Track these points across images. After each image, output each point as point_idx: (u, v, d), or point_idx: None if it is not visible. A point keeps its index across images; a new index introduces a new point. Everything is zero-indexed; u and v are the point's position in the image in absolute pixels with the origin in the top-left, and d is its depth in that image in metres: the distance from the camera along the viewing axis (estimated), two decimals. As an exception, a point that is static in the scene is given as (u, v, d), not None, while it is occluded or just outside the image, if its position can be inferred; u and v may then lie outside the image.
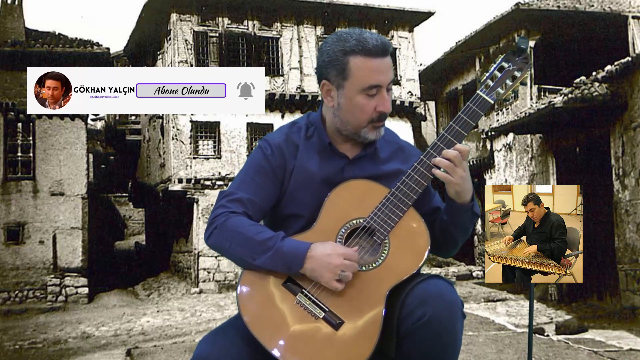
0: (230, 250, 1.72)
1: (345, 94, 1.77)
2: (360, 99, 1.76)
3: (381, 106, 1.77)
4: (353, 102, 1.77)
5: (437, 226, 1.82)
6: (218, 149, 20.26)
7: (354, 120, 1.79)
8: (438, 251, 1.87)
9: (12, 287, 18.26)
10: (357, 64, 1.74)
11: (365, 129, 1.80)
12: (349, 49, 1.74)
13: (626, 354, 5.82)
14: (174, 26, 20.19)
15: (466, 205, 1.75)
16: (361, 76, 1.74)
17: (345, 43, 1.75)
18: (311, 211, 1.79)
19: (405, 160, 1.87)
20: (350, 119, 1.80)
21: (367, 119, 1.78)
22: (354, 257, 1.65)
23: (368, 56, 1.73)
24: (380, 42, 1.74)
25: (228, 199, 1.78)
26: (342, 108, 1.80)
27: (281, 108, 20.75)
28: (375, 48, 1.73)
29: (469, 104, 1.76)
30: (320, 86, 1.84)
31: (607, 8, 16.23)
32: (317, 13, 21.34)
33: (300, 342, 1.61)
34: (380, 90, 1.76)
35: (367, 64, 1.74)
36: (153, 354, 6.01)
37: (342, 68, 1.76)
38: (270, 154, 1.83)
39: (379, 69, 1.74)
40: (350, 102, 1.77)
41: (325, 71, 1.80)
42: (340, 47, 1.76)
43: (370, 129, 1.80)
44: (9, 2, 19.94)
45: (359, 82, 1.75)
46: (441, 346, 1.61)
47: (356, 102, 1.77)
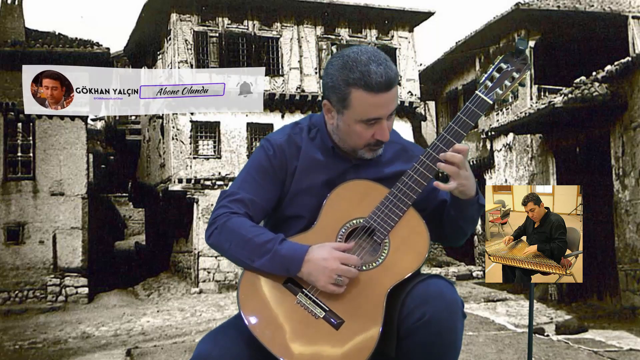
0: (230, 251, 1.73)
1: (344, 120, 1.77)
2: (358, 128, 1.76)
3: (379, 135, 1.77)
4: (351, 128, 1.77)
5: (445, 219, 1.84)
6: (218, 149, 20.26)
7: (350, 142, 1.81)
8: (448, 242, 1.90)
9: (12, 287, 18.25)
10: (358, 97, 1.72)
11: (362, 150, 1.81)
12: (352, 82, 1.71)
13: (626, 354, 5.82)
14: (174, 26, 20.19)
15: (471, 200, 1.77)
16: (361, 110, 1.73)
17: (350, 73, 1.71)
18: (312, 212, 1.79)
19: (408, 161, 1.87)
20: (348, 141, 1.81)
21: (363, 143, 1.79)
22: (351, 261, 1.65)
23: (370, 92, 1.70)
24: (385, 77, 1.69)
25: (229, 199, 1.79)
26: (341, 130, 1.80)
27: (281, 108, 20.75)
28: (378, 85, 1.69)
29: (468, 105, 1.77)
30: (322, 103, 1.84)
31: (607, 8, 16.23)
32: (317, 13, 21.34)
33: (301, 342, 1.61)
34: (380, 121, 1.76)
35: (369, 99, 1.71)
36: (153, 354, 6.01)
37: (344, 98, 1.74)
38: (272, 155, 1.83)
39: (380, 104, 1.72)
40: (349, 127, 1.77)
41: (327, 93, 1.80)
42: (344, 76, 1.72)
43: (366, 150, 1.81)
44: (9, 2, 19.94)
45: (358, 114, 1.74)
46: (441, 346, 1.61)
47: (354, 129, 1.77)
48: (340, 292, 1.65)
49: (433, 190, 1.87)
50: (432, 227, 1.84)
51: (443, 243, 1.93)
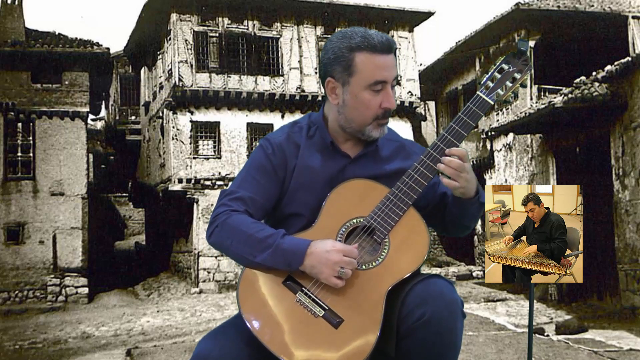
0: (231, 247, 1.73)
1: (351, 90, 1.79)
2: (366, 95, 1.77)
3: (386, 102, 1.78)
4: (358, 98, 1.78)
5: (447, 216, 1.86)
6: (218, 149, 20.26)
7: (358, 117, 1.80)
8: (450, 234, 1.95)
9: (12, 287, 18.26)
10: (363, 60, 1.76)
11: (369, 126, 1.81)
12: (355, 45, 1.76)
13: (626, 354, 5.82)
14: (174, 26, 20.19)
15: (472, 199, 1.78)
16: (367, 72, 1.76)
17: (351, 40, 1.77)
18: (312, 211, 1.79)
19: (406, 158, 1.88)
20: (355, 116, 1.81)
21: (372, 115, 1.79)
22: (353, 253, 1.65)
23: (374, 52, 1.75)
24: (385, 39, 1.77)
25: (230, 197, 1.79)
26: (347, 105, 1.81)
27: (281, 108, 20.76)
28: (380, 44, 1.75)
29: (469, 105, 1.77)
30: (325, 84, 1.84)
31: (607, 8, 16.23)
32: (317, 13, 21.34)
33: (301, 341, 1.61)
34: (385, 86, 1.78)
35: (373, 60, 1.76)
36: (153, 354, 6.01)
37: (348, 64, 1.77)
38: (272, 153, 1.84)
39: (384, 65, 1.76)
40: (356, 98, 1.78)
41: (330, 68, 1.81)
42: (345, 43, 1.77)
43: (374, 127, 1.81)
44: (9, 2, 19.94)
45: (365, 77, 1.76)
46: (441, 346, 1.61)
47: (361, 98, 1.78)
48: (343, 285, 1.65)
49: (433, 186, 1.88)
50: (436, 221, 1.88)
51: (447, 234, 1.96)
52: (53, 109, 19.23)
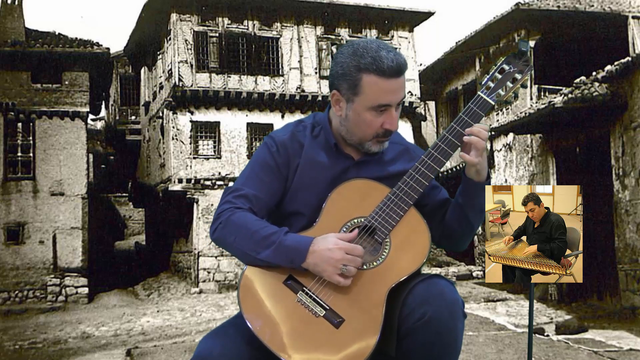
0: (234, 244, 1.73)
1: (354, 108, 1.78)
2: (368, 116, 1.77)
3: (388, 124, 1.78)
4: (361, 117, 1.78)
5: (452, 214, 1.84)
6: (218, 149, 20.26)
7: (359, 133, 1.81)
8: (454, 241, 1.88)
9: (12, 287, 18.27)
10: (370, 82, 1.73)
11: (369, 142, 1.81)
12: (363, 67, 1.73)
13: (626, 354, 5.82)
14: (174, 26, 20.19)
15: (482, 183, 1.78)
16: (372, 95, 1.74)
17: (361, 59, 1.73)
18: (313, 210, 1.80)
19: (410, 162, 1.88)
20: (356, 132, 1.81)
21: (372, 133, 1.79)
22: (356, 251, 1.65)
23: (382, 76, 1.72)
24: (396, 62, 1.72)
25: (234, 194, 1.80)
26: (349, 120, 1.81)
27: (281, 108, 20.76)
28: (389, 70, 1.71)
29: (470, 105, 1.77)
30: (331, 95, 1.84)
31: (607, 8, 16.23)
32: (317, 13, 21.34)
33: (301, 341, 1.61)
34: (389, 109, 1.77)
35: (380, 84, 1.73)
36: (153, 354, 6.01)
37: (355, 84, 1.75)
38: (275, 151, 1.85)
39: (391, 90, 1.74)
40: (358, 116, 1.78)
41: (337, 82, 1.80)
42: (355, 62, 1.74)
43: (374, 143, 1.81)
44: (9, 2, 19.94)
45: (369, 100, 1.75)
46: (442, 346, 1.62)
47: (364, 118, 1.77)
48: (347, 284, 1.65)
49: (434, 188, 1.88)
50: (434, 227, 1.84)
51: (446, 245, 1.90)
52: (53, 109, 19.24)
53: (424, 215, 1.83)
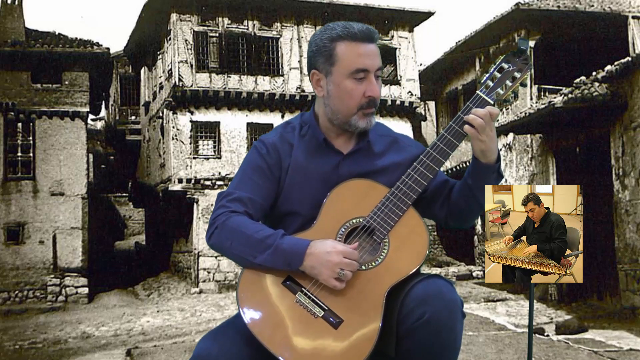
0: (231, 249, 1.73)
1: (334, 79, 1.79)
2: (348, 84, 1.78)
3: (370, 91, 1.78)
4: (341, 87, 1.78)
5: (460, 193, 1.84)
6: (218, 149, 20.26)
7: (343, 107, 1.80)
8: (462, 219, 1.88)
9: (12, 287, 18.27)
10: (343, 48, 1.77)
11: (355, 116, 1.80)
12: (336, 35, 1.78)
13: (626, 354, 5.82)
14: (174, 26, 20.19)
15: (492, 165, 1.78)
16: (348, 60, 1.77)
17: (332, 31, 1.80)
18: (308, 208, 1.80)
19: (400, 151, 1.88)
20: (340, 107, 1.81)
21: (356, 104, 1.79)
22: (353, 255, 1.65)
23: (354, 40, 1.77)
24: (365, 28, 1.79)
25: (228, 198, 1.79)
26: (332, 95, 1.81)
27: (281, 108, 20.76)
28: (361, 33, 1.77)
29: (469, 104, 1.77)
30: (310, 77, 1.86)
31: (607, 8, 16.23)
32: (317, 13, 21.34)
33: (300, 341, 1.61)
34: (368, 75, 1.78)
35: (353, 48, 1.77)
36: (153, 354, 6.01)
37: (330, 54, 1.79)
38: (266, 153, 1.85)
39: (365, 53, 1.77)
40: (339, 87, 1.79)
41: (314, 60, 1.83)
42: (327, 35, 1.80)
43: (360, 117, 1.81)
44: (9, 2, 19.94)
45: (346, 66, 1.77)
46: (441, 345, 1.61)
47: (344, 87, 1.78)
48: (342, 287, 1.65)
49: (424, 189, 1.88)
50: (438, 207, 1.86)
51: (453, 224, 1.90)
52: (53, 109, 19.24)
53: (426, 200, 1.84)
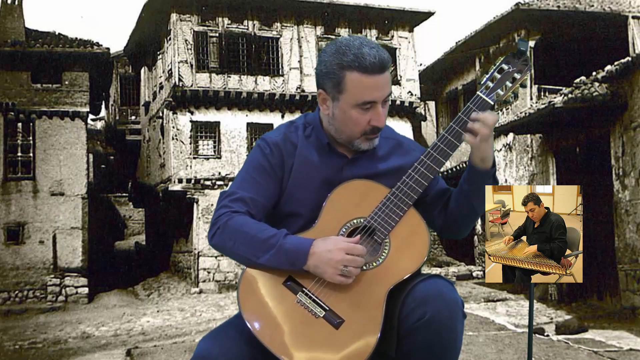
0: (233, 249, 1.72)
1: (340, 106, 1.78)
2: (354, 113, 1.76)
3: (375, 121, 1.77)
4: (347, 115, 1.77)
5: (456, 201, 1.83)
6: (218, 149, 20.26)
7: (347, 131, 1.80)
8: (457, 228, 1.87)
9: (12, 287, 18.26)
10: (353, 80, 1.73)
11: (358, 140, 1.81)
12: (346, 64, 1.73)
13: (626, 354, 5.81)
14: (174, 26, 20.18)
15: (489, 171, 1.78)
16: (356, 92, 1.74)
17: (343, 57, 1.73)
18: (310, 210, 1.79)
19: (404, 155, 1.88)
20: (344, 130, 1.81)
21: (360, 131, 1.79)
22: (357, 250, 1.65)
23: (364, 73, 1.72)
24: (378, 58, 1.72)
25: (230, 198, 1.79)
26: (336, 119, 1.80)
27: (281, 108, 20.75)
28: (372, 66, 1.71)
29: (469, 105, 1.77)
30: (317, 94, 1.85)
31: (607, 8, 16.23)
32: (317, 13, 21.34)
33: (301, 342, 1.61)
34: (375, 105, 1.76)
35: (363, 81, 1.72)
36: (153, 354, 6.01)
37: (338, 82, 1.75)
38: (269, 153, 1.84)
39: (374, 86, 1.73)
40: (345, 114, 1.78)
41: (322, 81, 1.80)
42: (337, 60, 1.74)
43: (363, 140, 1.81)
44: (9, 2, 19.94)
45: (353, 97, 1.74)
46: (441, 346, 1.61)
47: (350, 116, 1.77)
48: (348, 283, 1.65)
49: (434, 180, 1.87)
50: (435, 216, 1.85)
51: (448, 233, 1.89)
52: (53, 109, 19.24)
53: (425, 205, 1.84)
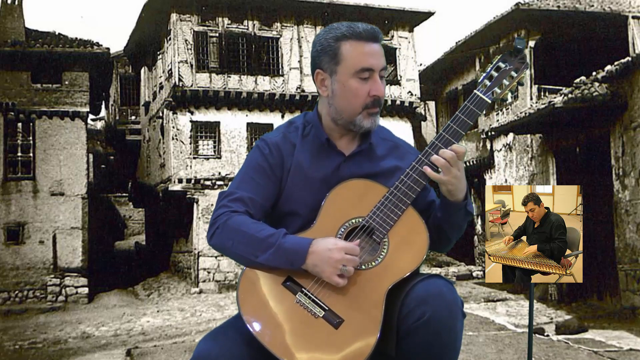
0: (232, 248, 1.73)
1: (338, 79, 1.80)
2: (353, 83, 1.78)
3: (374, 90, 1.79)
4: (346, 86, 1.79)
5: (432, 222, 1.82)
6: (218, 149, 20.26)
7: (348, 106, 1.81)
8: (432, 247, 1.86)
9: (12, 287, 18.26)
10: (348, 47, 1.78)
11: (359, 115, 1.81)
12: (340, 35, 1.79)
13: (626, 354, 5.82)
14: (174, 26, 20.18)
15: (459, 203, 1.76)
16: (353, 59, 1.78)
17: (337, 30, 1.81)
18: (308, 209, 1.79)
19: (401, 158, 1.89)
20: (345, 106, 1.81)
21: (361, 103, 1.79)
22: (355, 251, 1.65)
23: (359, 40, 1.78)
24: (370, 27, 1.80)
25: (229, 198, 1.79)
26: (336, 95, 1.81)
27: (281, 108, 20.75)
28: (365, 32, 1.78)
29: (467, 104, 1.77)
30: (315, 77, 1.86)
31: (607, 8, 16.23)
32: (317, 13, 21.34)
33: (301, 342, 1.61)
34: (373, 74, 1.78)
35: (358, 47, 1.78)
36: (153, 354, 6.01)
37: (334, 53, 1.79)
38: (268, 153, 1.85)
39: (370, 53, 1.78)
40: (344, 87, 1.79)
41: (318, 60, 1.83)
42: (331, 34, 1.81)
43: (364, 116, 1.81)
44: (9, 2, 19.94)
45: (351, 65, 1.78)
46: (441, 345, 1.61)
47: (349, 87, 1.79)
48: (345, 283, 1.65)
49: (424, 189, 1.87)
50: None
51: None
52: (53, 109, 19.24)
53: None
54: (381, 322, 1.62)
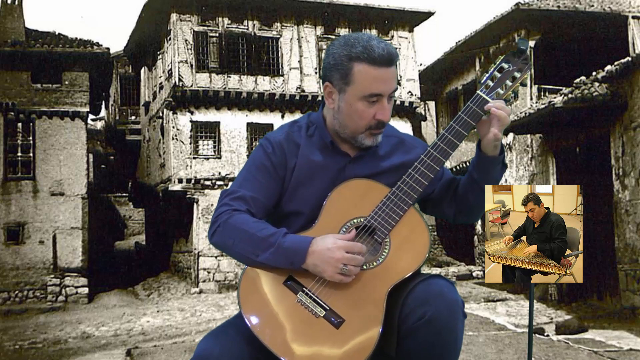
0: (233, 247, 1.73)
1: (346, 98, 1.78)
2: (360, 106, 1.77)
3: (380, 115, 1.77)
4: (353, 107, 1.77)
5: (466, 189, 1.87)
6: (218, 149, 20.26)
7: (352, 124, 1.80)
8: (471, 213, 1.92)
9: (12, 287, 18.26)
10: (361, 71, 1.74)
11: (362, 135, 1.81)
12: (354, 55, 1.74)
13: (626, 354, 5.82)
14: (174, 26, 20.19)
15: (497, 157, 1.82)
16: (363, 84, 1.74)
17: (352, 48, 1.74)
18: (311, 208, 1.80)
19: (406, 153, 1.89)
20: (349, 123, 1.81)
21: (365, 125, 1.79)
22: (356, 249, 1.65)
23: (372, 65, 1.73)
24: (386, 51, 1.73)
25: (231, 197, 1.79)
26: (342, 112, 1.80)
27: (281, 108, 20.76)
28: (380, 58, 1.72)
29: (469, 104, 1.78)
30: (323, 87, 1.84)
31: (607, 8, 16.23)
32: (317, 13, 21.34)
33: (301, 341, 1.61)
34: (381, 99, 1.76)
35: (371, 72, 1.73)
36: (153, 354, 6.01)
37: (346, 73, 1.76)
38: (272, 152, 1.84)
39: (382, 79, 1.74)
40: (350, 107, 1.78)
41: (329, 73, 1.80)
42: (346, 52, 1.75)
43: (367, 135, 1.81)
44: (9, 2, 19.94)
45: (360, 89, 1.75)
46: (442, 345, 1.61)
47: (356, 108, 1.77)
48: (347, 282, 1.65)
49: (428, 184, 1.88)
50: (446, 206, 1.89)
51: (463, 219, 1.93)
52: (53, 109, 19.24)
53: (434, 201, 1.87)
54: (382, 322, 1.62)
